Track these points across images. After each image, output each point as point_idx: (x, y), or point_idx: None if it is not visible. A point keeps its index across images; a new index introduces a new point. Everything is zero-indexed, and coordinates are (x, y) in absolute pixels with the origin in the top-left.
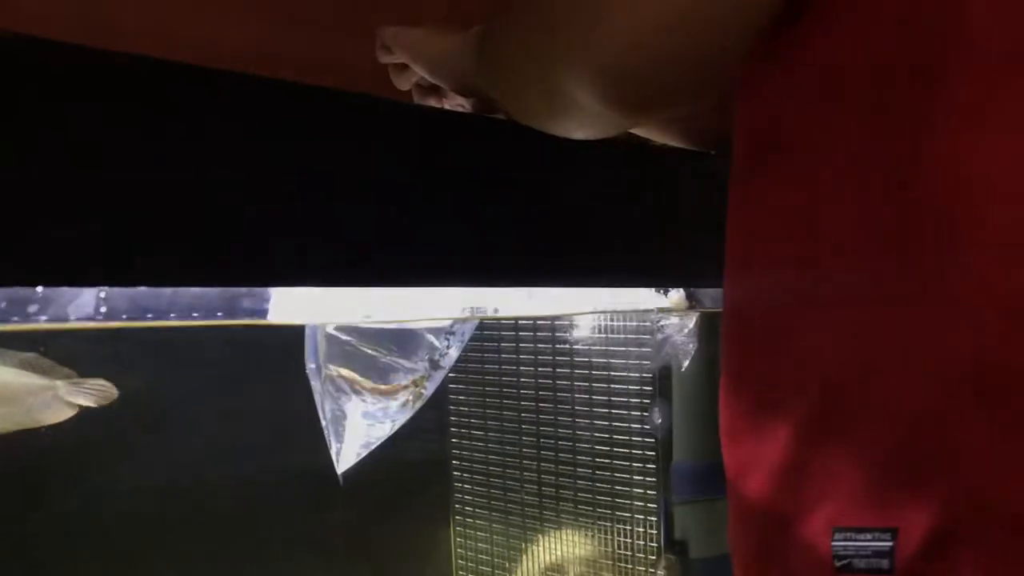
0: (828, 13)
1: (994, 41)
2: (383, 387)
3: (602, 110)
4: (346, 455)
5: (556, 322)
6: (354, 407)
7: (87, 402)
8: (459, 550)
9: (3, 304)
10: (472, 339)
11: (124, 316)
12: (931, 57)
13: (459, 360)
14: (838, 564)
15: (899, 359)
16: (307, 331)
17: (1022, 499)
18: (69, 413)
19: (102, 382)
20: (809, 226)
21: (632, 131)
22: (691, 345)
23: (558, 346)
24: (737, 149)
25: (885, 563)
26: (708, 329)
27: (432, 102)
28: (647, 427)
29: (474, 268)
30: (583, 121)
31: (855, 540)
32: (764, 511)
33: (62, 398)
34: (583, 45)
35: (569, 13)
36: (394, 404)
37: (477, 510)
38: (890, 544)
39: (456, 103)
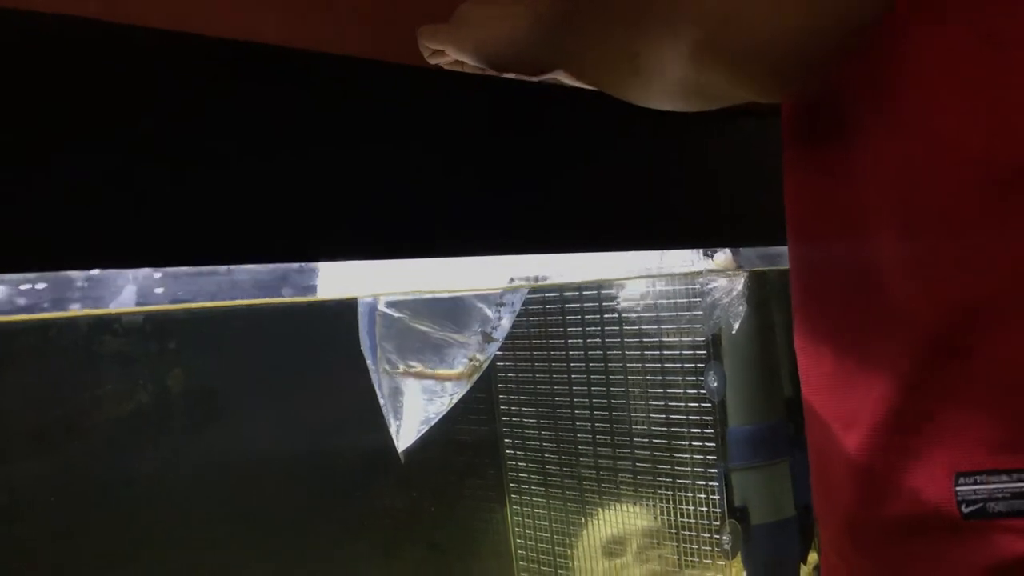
0: None
1: None
2: (440, 372)
3: (729, 89)
4: (406, 432)
5: (602, 290)
6: (412, 383)
7: None
8: (516, 528)
9: (46, 304)
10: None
11: (167, 302)
12: None
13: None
14: (967, 510)
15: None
16: (360, 308)
17: None
18: None
19: None
20: (901, 173)
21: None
22: (741, 307)
23: (606, 316)
24: (789, 107)
25: None
26: (756, 290)
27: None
28: (703, 392)
29: (523, 236)
30: (684, 96)
31: (987, 483)
32: (868, 463)
33: None
34: (725, 23)
35: None
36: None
37: (533, 487)
38: None
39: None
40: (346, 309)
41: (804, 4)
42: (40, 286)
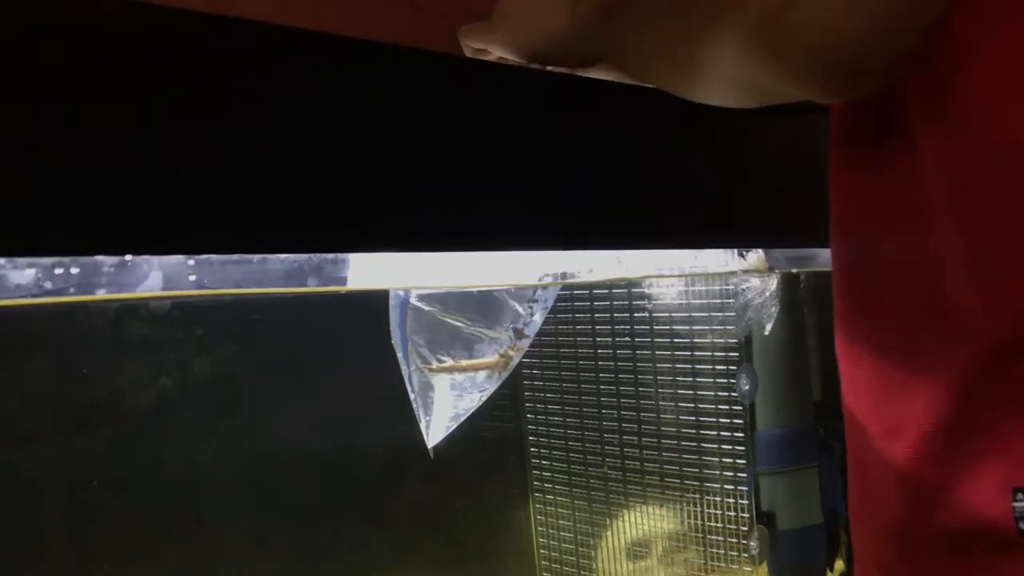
0: None
1: None
2: (470, 364)
3: (784, 87)
4: (435, 428)
5: (633, 288)
6: (441, 379)
7: None
8: (539, 528)
9: (72, 289)
10: None
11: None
12: None
13: None
14: None
15: None
16: (392, 301)
17: None
18: None
19: None
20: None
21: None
22: (773, 308)
23: (636, 314)
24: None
25: None
26: (788, 291)
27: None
28: (734, 395)
29: (555, 231)
30: (736, 92)
31: None
32: (916, 472)
33: None
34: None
35: None
36: (481, 374)
37: (557, 486)
38: None
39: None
40: (377, 301)
41: (877, 5)
42: (74, 270)
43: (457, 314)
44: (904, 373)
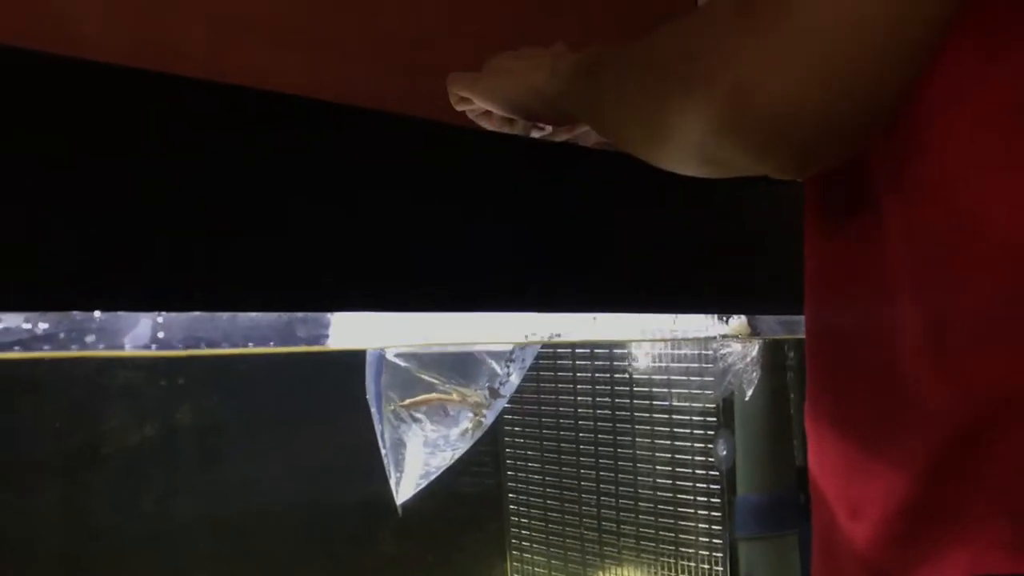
0: None
1: None
2: (445, 397)
3: (746, 162)
4: (405, 485)
5: (615, 350)
6: (414, 435)
7: None
8: None
9: (62, 334)
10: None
11: (180, 345)
12: None
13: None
14: None
15: None
16: (368, 358)
17: None
18: None
19: None
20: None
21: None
22: (755, 373)
23: (616, 375)
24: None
25: None
26: (771, 357)
27: (516, 131)
28: (711, 460)
29: (535, 292)
30: (700, 162)
31: None
32: (877, 556)
33: None
34: (739, 98)
35: (726, 52)
36: (454, 432)
37: (535, 545)
38: None
39: (538, 132)
40: (353, 355)
41: (835, 82)
42: (42, 325)
43: (433, 371)
44: (866, 452)
